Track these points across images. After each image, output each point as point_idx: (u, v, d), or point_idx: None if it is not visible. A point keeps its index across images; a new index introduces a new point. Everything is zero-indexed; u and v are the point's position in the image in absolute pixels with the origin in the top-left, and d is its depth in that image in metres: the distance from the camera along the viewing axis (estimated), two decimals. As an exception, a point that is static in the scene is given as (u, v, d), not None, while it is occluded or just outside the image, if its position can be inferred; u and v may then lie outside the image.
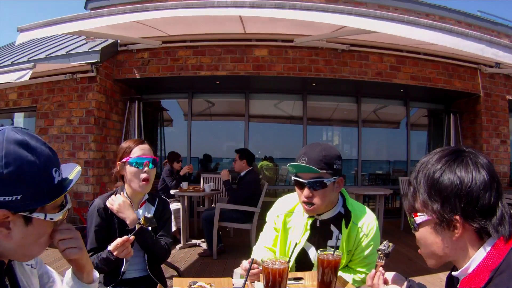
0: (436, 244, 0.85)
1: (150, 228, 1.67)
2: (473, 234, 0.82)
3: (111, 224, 1.71)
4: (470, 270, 0.82)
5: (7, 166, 0.67)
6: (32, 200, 0.70)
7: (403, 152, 6.87)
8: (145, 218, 1.61)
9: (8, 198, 0.68)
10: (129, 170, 1.72)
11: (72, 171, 0.79)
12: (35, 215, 0.72)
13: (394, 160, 7.42)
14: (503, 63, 4.66)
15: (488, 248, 0.81)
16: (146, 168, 1.72)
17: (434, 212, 0.82)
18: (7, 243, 0.71)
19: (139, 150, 1.74)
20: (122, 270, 1.66)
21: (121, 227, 1.69)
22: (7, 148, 0.68)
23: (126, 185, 1.78)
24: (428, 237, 0.86)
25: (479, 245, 0.82)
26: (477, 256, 0.82)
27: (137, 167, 1.71)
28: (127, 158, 1.73)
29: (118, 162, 1.77)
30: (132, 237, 1.51)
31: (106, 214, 1.71)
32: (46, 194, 0.72)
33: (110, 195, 1.75)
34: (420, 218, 0.85)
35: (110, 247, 1.52)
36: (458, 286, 0.86)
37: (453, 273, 0.89)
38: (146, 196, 1.82)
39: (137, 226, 1.59)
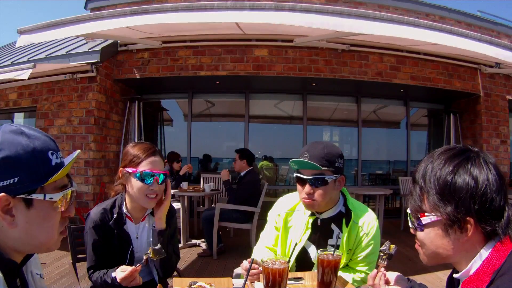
0: (443, 246, 0.83)
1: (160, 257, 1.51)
2: (480, 236, 0.81)
3: (110, 239, 1.57)
4: (471, 272, 0.82)
5: (2, 151, 0.70)
6: (29, 181, 0.72)
7: (403, 152, 6.87)
8: (154, 250, 1.45)
9: (6, 182, 0.70)
10: (135, 184, 1.51)
11: (72, 157, 0.80)
12: (34, 196, 0.72)
13: (394, 160, 7.42)
14: (503, 62, 4.66)
15: (489, 250, 0.80)
16: (154, 185, 1.51)
17: (446, 213, 0.80)
18: (14, 232, 0.73)
19: (149, 164, 1.51)
20: None
21: (121, 242, 1.59)
22: (2, 137, 0.72)
23: (126, 196, 1.60)
24: (434, 238, 0.84)
25: (482, 246, 0.81)
26: (479, 258, 0.81)
27: (145, 183, 1.50)
28: (134, 170, 1.51)
29: (121, 169, 1.56)
30: (140, 266, 1.42)
31: (104, 230, 1.56)
32: (43, 175, 0.73)
33: (107, 209, 1.60)
34: (428, 218, 0.83)
35: (116, 276, 1.41)
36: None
37: (454, 275, 0.88)
38: (149, 210, 1.64)
39: (145, 257, 1.47)
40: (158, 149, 1.63)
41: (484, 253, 0.81)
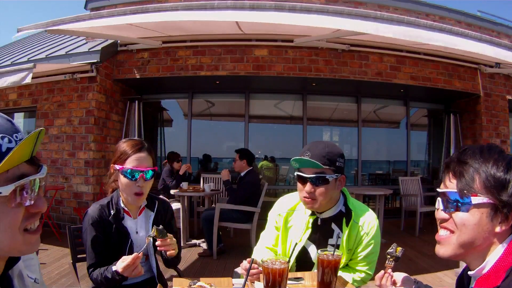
0: (482, 231, 0.83)
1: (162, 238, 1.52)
2: (508, 231, 0.83)
3: (109, 235, 1.58)
4: (485, 270, 0.83)
5: None
6: None
7: (403, 152, 6.87)
8: (157, 230, 1.46)
9: None
10: (122, 180, 1.56)
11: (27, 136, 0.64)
12: None
13: (394, 160, 7.42)
14: (503, 62, 4.66)
15: (503, 249, 0.82)
16: (140, 181, 1.54)
17: (500, 198, 0.81)
18: None
19: (135, 161, 1.55)
20: None
21: (120, 237, 1.59)
22: None
23: (121, 192, 1.63)
24: (478, 222, 0.83)
25: (499, 243, 0.83)
26: (493, 256, 0.82)
27: (131, 179, 1.53)
28: (121, 167, 1.55)
29: (112, 165, 1.61)
30: (141, 253, 1.41)
31: (102, 226, 1.57)
32: None
33: (104, 205, 1.62)
34: (480, 199, 0.83)
35: (117, 268, 1.40)
36: (473, 286, 0.86)
37: (469, 272, 0.88)
38: (145, 202, 1.67)
39: (147, 240, 1.50)
40: (148, 145, 1.63)
41: (498, 252, 0.82)
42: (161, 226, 1.48)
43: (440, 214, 0.89)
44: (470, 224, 0.84)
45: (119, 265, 1.41)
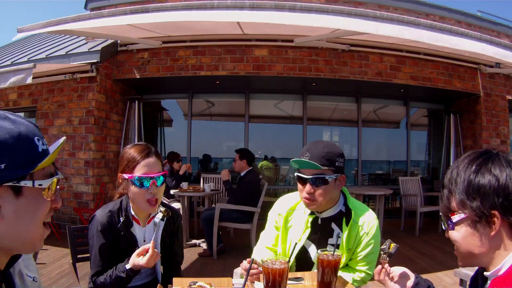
0: (473, 242, 0.86)
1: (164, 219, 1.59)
2: (509, 231, 0.83)
3: (117, 242, 1.54)
4: (501, 272, 0.83)
5: None
6: (17, 167, 0.66)
7: (403, 152, 6.87)
8: (164, 211, 1.54)
9: None
10: (133, 189, 1.49)
11: (58, 144, 0.76)
12: (22, 183, 0.67)
13: (394, 160, 7.42)
14: (503, 62, 4.66)
15: None
16: (152, 188, 1.48)
17: (473, 209, 0.84)
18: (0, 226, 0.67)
19: (145, 167, 1.48)
20: None
21: (128, 245, 1.55)
22: None
23: (131, 201, 1.57)
24: (465, 235, 0.87)
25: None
26: (510, 258, 0.82)
27: (142, 187, 1.47)
28: (130, 176, 1.48)
29: (120, 175, 1.53)
30: (153, 242, 1.42)
31: (111, 233, 1.52)
32: (31, 161, 0.68)
33: (114, 211, 1.56)
34: (458, 216, 0.88)
35: (138, 262, 1.40)
36: (488, 287, 0.87)
37: (485, 273, 0.89)
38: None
39: (158, 217, 1.52)
40: (154, 148, 1.58)
41: None
42: (164, 208, 1.57)
43: (445, 233, 0.97)
44: (459, 239, 0.90)
45: (141, 260, 1.41)
